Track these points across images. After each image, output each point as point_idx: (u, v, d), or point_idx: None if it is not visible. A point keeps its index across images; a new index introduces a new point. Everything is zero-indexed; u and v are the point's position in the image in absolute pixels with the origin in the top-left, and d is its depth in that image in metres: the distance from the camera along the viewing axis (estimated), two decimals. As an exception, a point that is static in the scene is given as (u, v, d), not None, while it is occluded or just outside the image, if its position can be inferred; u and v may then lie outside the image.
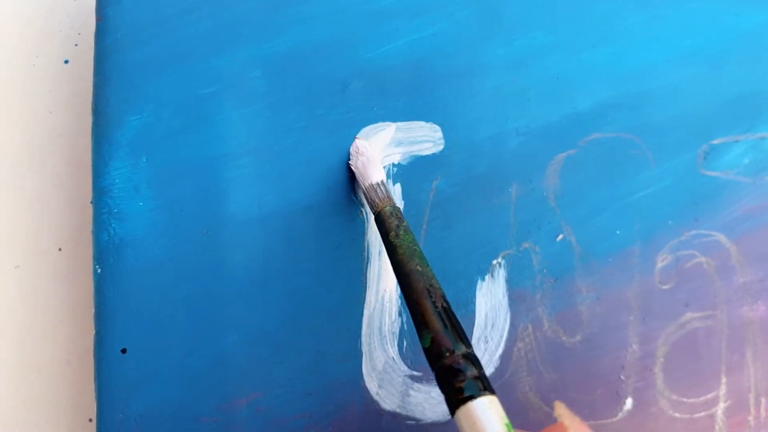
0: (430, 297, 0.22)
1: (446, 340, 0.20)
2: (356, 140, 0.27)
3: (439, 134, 0.28)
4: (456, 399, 0.19)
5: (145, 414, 0.26)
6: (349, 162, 0.27)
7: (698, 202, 0.29)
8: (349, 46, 0.29)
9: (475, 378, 0.20)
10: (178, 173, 0.28)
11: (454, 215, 0.28)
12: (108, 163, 0.28)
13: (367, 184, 0.26)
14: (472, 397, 0.19)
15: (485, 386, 0.19)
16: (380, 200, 0.25)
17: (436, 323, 0.21)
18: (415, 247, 0.23)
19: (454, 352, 0.20)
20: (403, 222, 0.24)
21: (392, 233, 0.24)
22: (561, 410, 0.18)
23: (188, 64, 0.28)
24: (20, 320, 0.31)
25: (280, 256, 0.27)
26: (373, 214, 0.25)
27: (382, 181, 0.26)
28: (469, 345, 0.21)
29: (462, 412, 0.19)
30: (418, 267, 0.23)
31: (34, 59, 0.34)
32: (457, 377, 0.20)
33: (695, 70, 0.29)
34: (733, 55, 0.30)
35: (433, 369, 0.21)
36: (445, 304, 0.22)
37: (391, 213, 0.25)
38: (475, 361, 0.20)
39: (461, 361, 0.20)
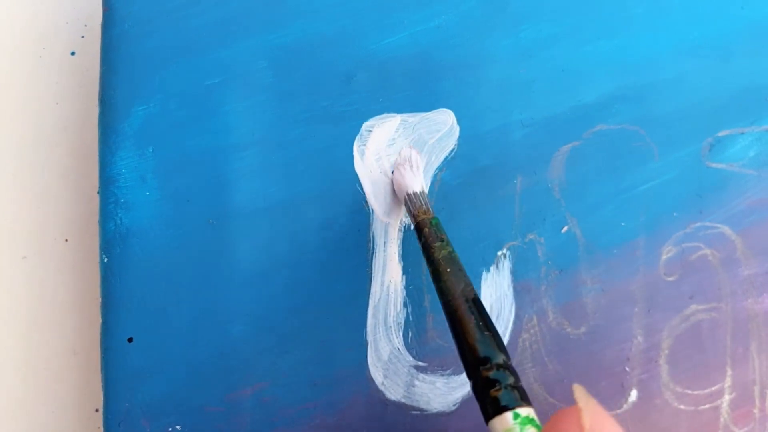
0: (467, 302, 0.22)
1: (483, 348, 0.21)
2: (409, 149, 0.27)
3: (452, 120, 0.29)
4: (493, 409, 0.20)
5: (151, 404, 0.26)
6: (395, 168, 0.27)
7: (703, 194, 0.28)
8: (354, 37, 0.29)
9: (512, 388, 0.20)
10: (184, 163, 0.28)
11: (459, 207, 0.28)
12: (114, 153, 0.28)
13: (410, 192, 0.26)
14: (507, 408, 0.19)
15: (522, 396, 0.20)
16: (426, 209, 0.26)
17: (473, 331, 0.21)
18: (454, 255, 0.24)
19: (491, 360, 0.20)
20: (444, 235, 0.25)
21: (437, 242, 0.24)
22: (579, 393, 0.18)
23: (195, 55, 0.28)
24: (27, 311, 0.32)
25: (286, 247, 0.27)
26: (416, 221, 0.26)
27: (423, 192, 0.27)
28: (507, 354, 0.21)
29: (498, 420, 0.19)
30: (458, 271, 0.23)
31: (40, 51, 0.34)
32: (493, 386, 0.20)
33: (701, 62, 0.29)
34: (739, 47, 0.29)
35: (470, 378, 0.21)
36: (480, 308, 0.22)
37: (436, 224, 0.25)
38: (512, 371, 0.20)
39: (498, 370, 0.20)
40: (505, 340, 0.27)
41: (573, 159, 0.28)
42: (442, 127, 0.28)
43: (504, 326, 0.27)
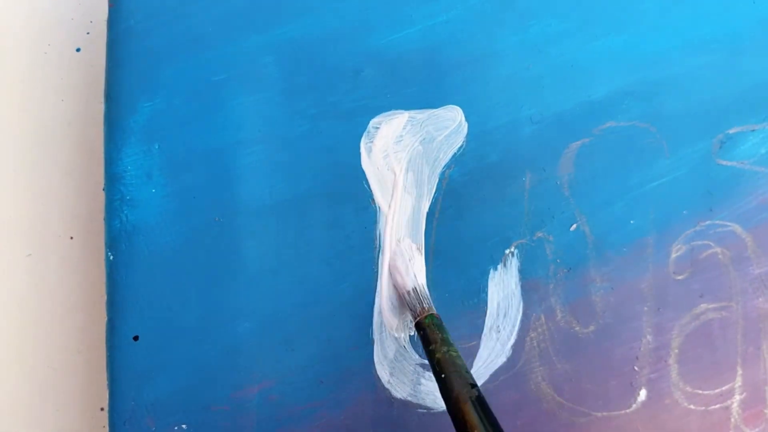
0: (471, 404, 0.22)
1: None
2: (398, 243, 0.27)
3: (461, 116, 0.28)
4: None
5: (157, 402, 0.26)
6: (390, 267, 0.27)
7: (713, 191, 0.28)
8: (362, 32, 0.29)
9: None
10: (190, 160, 0.28)
11: (467, 204, 0.28)
12: (120, 149, 0.28)
13: (404, 292, 0.26)
14: None
15: None
16: (421, 309, 0.25)
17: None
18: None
19: None
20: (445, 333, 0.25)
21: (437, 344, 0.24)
22: None
23: (201, 51, 0.28)
24: (32, 309, 0.31)
25: (292, 244, 0.27)
26: (414, 321, 0.26)
27: (422, 285, 0.26)
28: None
29: None
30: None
31: (45, 47, 0.34)
32: None
33: (711, 58, 0.29)
34: (750, 43, 0.29)
35: None
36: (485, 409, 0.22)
37: (429, 323, 0.25)
38: None
39: None
40: (512, 340, 0.27)
41: (582, 156, 0.28)
42: (450, 124, 0.28)
43: (511, 325, 0.27)
